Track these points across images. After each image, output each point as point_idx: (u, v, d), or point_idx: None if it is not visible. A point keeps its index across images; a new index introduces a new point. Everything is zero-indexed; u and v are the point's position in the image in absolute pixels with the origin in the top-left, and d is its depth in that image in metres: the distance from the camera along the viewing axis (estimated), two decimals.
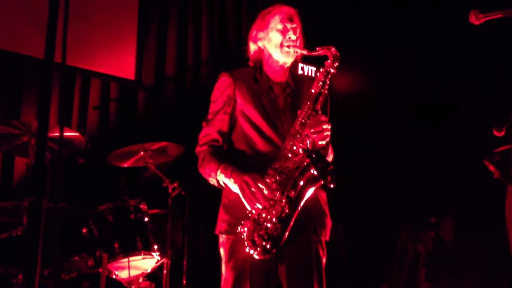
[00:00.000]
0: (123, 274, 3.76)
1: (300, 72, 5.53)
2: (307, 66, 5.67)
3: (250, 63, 2.69)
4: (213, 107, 2.58)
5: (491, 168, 2.75)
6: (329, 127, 2.35)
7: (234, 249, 2.37)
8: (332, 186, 2.24)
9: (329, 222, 2.50)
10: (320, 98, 2.40)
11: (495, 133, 2.56)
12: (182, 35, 5.41)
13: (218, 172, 2.39)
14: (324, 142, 2.38)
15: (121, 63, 5.04)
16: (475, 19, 2.17)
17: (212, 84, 2.63)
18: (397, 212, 5.34)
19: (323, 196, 2.49)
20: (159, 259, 3.86)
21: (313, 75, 5.64)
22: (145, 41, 5.20)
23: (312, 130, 2.33)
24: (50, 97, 1.38)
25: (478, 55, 5.19)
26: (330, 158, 2.56)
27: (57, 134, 3.04)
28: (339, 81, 5.64)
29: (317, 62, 2.50)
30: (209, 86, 2.64)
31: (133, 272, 3.80)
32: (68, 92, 4.68)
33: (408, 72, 5.68)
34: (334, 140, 2.50)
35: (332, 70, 2.41)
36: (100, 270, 3.49)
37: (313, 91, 2.41)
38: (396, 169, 5.55)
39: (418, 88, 5.58)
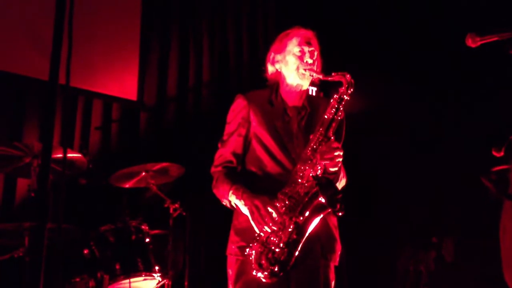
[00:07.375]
0: None
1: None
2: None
3: (268, 84, 2.69)
4: (228, 129, 2.60)
5: (488, 185, 2.76)
6: (341, 153, 2.35)
7: (242, 270, 2.38)
8: (340, 214, 2.24)
9: (338, 247, 2.50)
10: (333, 124, 2.39)
11: (494, 153, 2.57)
12: (183, 57, 5.45)
13: (230, 193, 2.41)
14: (335, 169, 2.38)
15: (123, 84, 5.06)
16: (472, 42, 2.19)
17: (214, 105, 2.65)
18: (398, 232, 5.32)
19: (333, 220, 2.50)
20: (160, 280, 3.85)
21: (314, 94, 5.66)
22: (147, 63, 5.24)
23: (324, 157, 2.32)
24: (54, 121, 1.39)
25: (478, 75, 5.22)
26: (342, 182, 2.55)
27: (59, 155, 3.05)
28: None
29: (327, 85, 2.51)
30: (210, 107, 2.67)
31: None
32: (70, 113, 4.70)
33: (408, 93, 5.70)
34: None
35: (345, 97, 2.40)
36: None
37: (326, 117, 2.40)
38: (397, 188, 5.55)
39: (418, 109, 5.60)
